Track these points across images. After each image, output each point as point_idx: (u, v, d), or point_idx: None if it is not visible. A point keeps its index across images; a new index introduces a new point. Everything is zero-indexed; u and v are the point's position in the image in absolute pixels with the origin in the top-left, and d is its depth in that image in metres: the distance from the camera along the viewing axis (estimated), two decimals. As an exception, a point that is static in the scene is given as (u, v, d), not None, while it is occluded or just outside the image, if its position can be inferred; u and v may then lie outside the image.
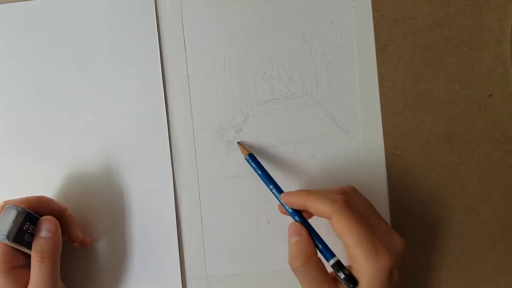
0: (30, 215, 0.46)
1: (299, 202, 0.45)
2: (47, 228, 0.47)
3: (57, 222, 0.48)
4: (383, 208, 0.52)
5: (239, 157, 0.53)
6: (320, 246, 0.44)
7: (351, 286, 0.42)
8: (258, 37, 0.52)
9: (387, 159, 0.52)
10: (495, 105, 0.52)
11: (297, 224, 0.46)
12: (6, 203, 0.47)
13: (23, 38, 0.54)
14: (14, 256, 0.47)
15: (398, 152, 0.52)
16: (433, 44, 0.52)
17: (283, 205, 0.47)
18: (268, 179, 0.49)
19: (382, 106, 0.52)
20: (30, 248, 0.46)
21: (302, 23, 0.52)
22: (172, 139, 0.53)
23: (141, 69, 0.53)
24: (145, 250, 0.53)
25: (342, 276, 0.42)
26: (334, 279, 0.44)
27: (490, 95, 0.52)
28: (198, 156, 0.53)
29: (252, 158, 0.50)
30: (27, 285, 0.46)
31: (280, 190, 0.48)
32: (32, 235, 0.47)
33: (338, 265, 0.43)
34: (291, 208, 0.47)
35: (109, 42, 0.53)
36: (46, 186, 0.53)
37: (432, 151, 0.52)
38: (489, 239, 0.52)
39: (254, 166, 0.50)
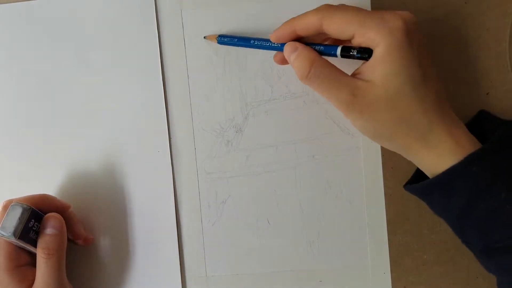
0: (35, 213, 0.46)
1: (311, 22, 0.42)
2: (52, 225, 0.47)
3: (62, 219, 0.48)
4: (378, 203, 0.52)
5: (239, 157, 0.53)
6: (321, 47, 0.42)
7: (366, 56, 0.40)
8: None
9: (383, 155, 0.52)
10: (492, 104, 0.52)
11: (291, 42, 0.44)
12: (9, 202, 0.47)
13: (23, 38, 0.53)
14: (19, 254, 0.47)
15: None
16: (432, 41, 0.52)
17: (274, 48, 0.46)
18: (247, 41, 0.48)
19: (379, 103, 0.52)
20: (35, 246, 0.47)
21: (302, 23, 0.52)
22: (172, 139, 0.53)
23: (141, 69, 0.53)
24: (145, 250, 0.53)
25: (355, 53, 0.40)
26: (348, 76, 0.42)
27: (488, 93, 0.52)
28: (198, 156, 0.53)
29: (224, 36, 0.49)
30: (32, 283, 0.46)
31: (266, 40, 0.47)
32: (37, 233, 0.47)
33: (346, 48, 0.41)
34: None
35: (109, 42, 0.53)
36: (47, 185, 0.53)
37: (429, 148, 0.52)
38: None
39: (229, 41, 0.49)
